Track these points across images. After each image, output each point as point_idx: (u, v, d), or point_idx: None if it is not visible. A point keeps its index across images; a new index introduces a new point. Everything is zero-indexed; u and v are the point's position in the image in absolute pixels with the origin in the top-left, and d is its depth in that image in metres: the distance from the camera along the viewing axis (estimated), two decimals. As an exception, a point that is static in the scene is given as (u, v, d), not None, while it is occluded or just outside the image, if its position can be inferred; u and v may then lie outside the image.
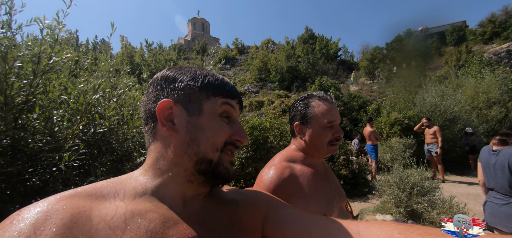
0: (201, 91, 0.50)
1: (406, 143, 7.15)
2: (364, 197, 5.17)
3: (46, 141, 1.30)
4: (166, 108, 0.48)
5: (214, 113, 0.50)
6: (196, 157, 0.48)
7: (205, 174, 0.48)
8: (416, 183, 3.48)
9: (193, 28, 47.80)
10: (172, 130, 0.47)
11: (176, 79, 0.50)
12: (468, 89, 9.78)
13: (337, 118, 0.93)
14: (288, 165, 0.89)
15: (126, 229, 0.39)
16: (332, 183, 0.97)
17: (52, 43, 1.26)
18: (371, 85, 19.19)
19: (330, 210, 0.86)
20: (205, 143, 0.48)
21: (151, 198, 0.45)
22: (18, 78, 1.18)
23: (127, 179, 0.48)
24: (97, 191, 0.43)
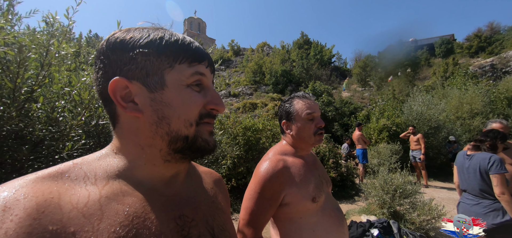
0: (160, 58, 0.42)
1: (393, 149, 7.43)
2: (351, 199, 5.35)
3: (49, 130, 1.37)
4: (121, 88, 0.41)
5: (180, 84, 0.43)
6: (169, 137, 0.42)
7: (182, 152, 0.44)
8: (399, 186, 3.66)
9: (189, 28, 47.59)
10: (136, 111, 0.41)
11: (125, 46, 0.41)
12: (453, 100, 10.22)
13: (316, 111, 1.06)
14: (281, 158, 1.01)
15: (103, 216, 0.35)
16: (320, 171, 1.10)
17: (60, 37, 1.33)
18: (362, 92, 19.67)
19: (319, 194, 0.99)
20: (176, 120, 0.42)
21: (128, 181, 0.41)
22: (26, 70, 1.26)
23: (95, 160, 0.42)
24: (63, 174, 0.37)
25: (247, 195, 0.97)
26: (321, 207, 0.99)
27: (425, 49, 25.16)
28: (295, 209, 0.96)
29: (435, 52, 25.54)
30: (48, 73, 1.46)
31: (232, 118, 5.71)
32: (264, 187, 0.93)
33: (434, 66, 21.49)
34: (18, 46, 1.07)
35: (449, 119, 9.00)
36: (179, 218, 0.44)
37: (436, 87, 13.53)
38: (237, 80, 22.75)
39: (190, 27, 48.17)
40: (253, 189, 0.95)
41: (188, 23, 48.36)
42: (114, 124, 0.44)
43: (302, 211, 0.96)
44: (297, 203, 0.95)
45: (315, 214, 0.97)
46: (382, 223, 2.96)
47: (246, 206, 0.95)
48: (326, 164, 5.76)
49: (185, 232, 0.43)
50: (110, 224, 0.35)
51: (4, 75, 1.11)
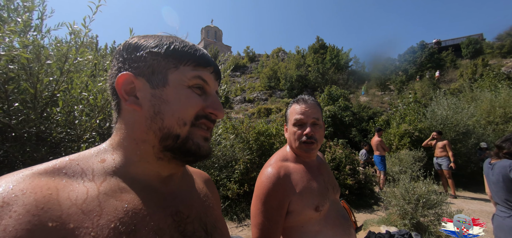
0: (167, 59, 0.44)
1: (416, 156, 6.99)
2: (370, 208, 5.09)
3: (66, 132, 1.45)
4: (127, 82, 0.43)
5: (181, 84, 0.45)
6: (161, 133, 0.43)
7: (172, 151, 0.44)
8: (422, 195, 3.41)
9: (206, 36, 49.07)
10: (135, 104, 0.43)
11: (138, 47, 0.44)
12: (483, 103, 9.47)
13: (307, 118, 0.98)
14: (282, 165, 0.96)
15: (102, 212, 0.35)
16: (325, 177, 1.02)
17: (78, 45, 1.42)
18: (382, 96, 18.90)
19: (323, 202, 0.92)
20: (170, 117, 0.43)
21: (124, 178, 0.41)
22: (46, 75, 1.34)
23: (92, 157, 0.42)
24: (60, 170, 0.37)
25: (253, 211, 0.91)
26: (325, 215, 0.93)
27: (451, 50, 23.71)
28: (298, 218, 0.90)
29: (461, 53, 23.98)
30: (68, 79, 1.55)
31: (246, 123, 5.72)
32: (269, 196, 0.88)
33: (461, 67, 20.15)
34: (37, 53, 1.15)
35: (479, 124, 8.32)
36: (176, 214, 0.45)
37: (463, 90, 12.64)
38: (252, 86, 22.91)
39: (207, 35, 49.63)
40: (258, 202, 0.90)
41: (205, 32, 49.88)
42: (117, 117, 0.46)
43: (304, 220, 0.90)
44: (299, 211, 0.89)
45: (318, 223, 0.91)
46: (403, 235, 2.77)
47: (256, 223, 0.89)
48: (342, 170, 5.54)
49: (181, 228, 0.44)
50: (109, 220, 0.35)
51: (26, 81, 1.19)
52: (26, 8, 1.24)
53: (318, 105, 1.04)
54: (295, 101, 1.05)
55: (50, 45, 1.87)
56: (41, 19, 1.76)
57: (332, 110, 12.11)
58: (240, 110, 17.70)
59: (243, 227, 4.11)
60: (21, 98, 1.27)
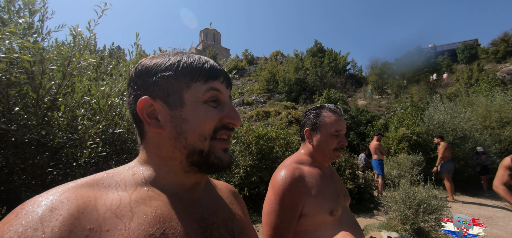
0: (178, 79, 0.47)
1: (415, 160, 7.02)
2: (370, 213, 5.08)
3: (68, 137, 1.41)
4: (146, 106, 0.46)
5: (197, 101, 0.47)
6: (186, 150, 0.46)
7: (198, 165, 0.48)
8: (423, 201, 3.42)
9: (204, 38, 49.09)
10: (158, 127, 0.46)
11: (149, 72, 0.47)
12: (479, 108, 9.58)
13: (343, 129, 1.05)
14: (297, 167, 0.98)
15: (133, 216, 0.39)
16: (337, 184, 1.05)
17: (82, 48, 1.39)
18: (379, 100, 19.04)
19: (336, 207, 0.93)
20: (192, 135, 0.46)
21: (153, 188, 0.45)
22: (49, 79, 1.31)
23: (124, 171, 0.47)
24: (98, 182, 0.43)
25: (266, 209, 0.93)
26: (338, 220, 0.94)
27: (447, 55, 24.03)
28: (312, 221, 0.91)
29: (457, 57, 24.32)
30: (70, 83, 1.52)
31: (245, 127, 5.70)
32: (284, 196, 0.89)
33: (456, 72, 20.42)
34: (39, 58, 1.12)
35: (475, 129, 8.40)
36: (201, 220, 0.47)
37: (459, 95, 12.79)
38: (250, 89, 22.93)
39: (206, 38, 49.67)
40: (273, 201, 0.91)
41: (204, 34, 49.91)
42: (142, 139, 0.50)
43: (318, 223, 0.91)
44: (314, 214, 0.91)
45: (332, 228, 0.92)
46: (405, 240, 2.75)
47: (268, 221, 0.90)
48: (342, 174, 5.54)
49: (207, 234, 0.46)
50: (140, 223, 0.39)
51: (28, 86, 1.16)
52: (29, 10, 1.21)
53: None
54: (331, 111, 1.08)
55: (50, 47, 1.83)
56: (42, 21, 1.73)
57: (331, 113, 12.13)
58: (239, 113, 17.61)
59: (243, 232, 4.06)
60: (22, 103, 1.24)
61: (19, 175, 1.21)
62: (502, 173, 2.18)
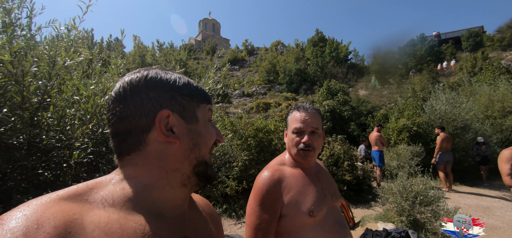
0: (192, 99, 0.53)
1: (414, 151, 7.02)
2: (367, 204, 5.12)
3: (59, 138, 1.41)
4: (164, 118, 0.48)
5: (205, 119, 0.55)
6: (196, 161, 0.51)
7: (200, 175, 0.53)
8: (419, 192, 3.43)
9: (204, 29, 48.43)
10: (173, 138, 0.48)
11: (165, 86, 0.50)
12: (482, 97, 9.46)
13: (306, 127, 1.01)
14: (279, 168, 1.00)
15: (123, 234, 0.39)
16: (323, 184, 1.03)
17: (67, 47, 1.37)
18: (381, 90, 18.87)
19: (318, 208, 0.93)
20: (205, 147, 0.53)
21: (143, 204, 0.46)
22: (34, 79, 1.29)
23: (110, 184, 0.46)
24: (81, 196, 0.41)
25: (248, 211, 0.95)
26: (321, 221, 0.94)
27: (451, 43, 23.55)
28: (292, 222, 0.92)
29: (461, 45, 23.84)
30: (57, 83, 1.50)
31: (244, 119, 5.69)
32: (263, 198, 0.92)
33: (460, 61, 20.07)
34: (18, 58, 1.10)
35: (477, 118, 8.33)
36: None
37: (462, 84, 12.62)
38: (250, 80, 22.78)
39: (205, 28, 48.99)
40: (253, 203, 0.94)
41: (203, 24, 49.20)
42: (133, 151, 0.48)
43: (299, 225, 0.92)
44: (293, 215, 0.91)
45: (313, 229, 0.92)
46: (400, 233, 2.78)
47: (249, 222, 0.93)
48: (341, 166, 5.55)
49: None
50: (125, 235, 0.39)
51: (12, 87, 1.15)
52: (4, 8, 1.18)
53: (318, 114, 1.06)
54: (296, 108, 1.07)
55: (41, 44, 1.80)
56: (30, 18, 1.69)
57: (331, 104, 12.07)
58: (239, 105, 17.63)
59: (241, 224, 4.13)
60: (9, 105, 1.23)
61: (9, 178, 1.22)
62: (506, 167, 2.15)
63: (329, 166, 5.41)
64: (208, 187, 2.99)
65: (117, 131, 0.48)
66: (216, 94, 2.87)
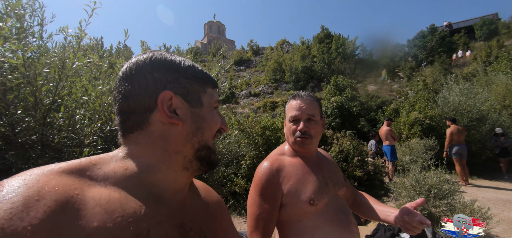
0: (197, 83, 0.53)
1: (427, 144, 6.80)
2: (380, 199, 5.01)
3: (69, 137, 1.46)
4: (166, 100, 0.48)
5: (210, 105, 0.54)
6: (199, 144, 0.51)
7: (202, 160, 0.52)
8: (433, 186, 3.32)
9: (209, 31, 48.90)
10: (177, 120, 0.48)
11: (170, 67, 0.50)
12: (498, 87, 9.06)
13: (301, 114, 1.00)
14: (278, 158, 0.99)
15: (123, 213, 0.39)
16: (325, 172, 1.02)
17: (75, 50, 1.41)
18: (390, 84, 18.44)
19: (319, 196, 0.92)
20: (208, 132, 0.53)
21: (144, 185, 0.45)
22: (46, 81, 1.34)
23: (113, 162, 0.45)
24: (83, 171, 0.41)
25: (249, 201, 0.95)
26: (322, 210, 0.92)
27: (463, 33, 22.71)
28: (293, 211, 0.91)
29: (475, 35, 22.94)
30: (68, 84, 1.55)
31: (251, 118, 5.70)
32: (263, 188, 0.92)
33: (474, 50, 19.30)
34: (31, 61, 1.15)
35: (494, 109, 7.98)
36: (181, 226, 0.49)
37: (477, 74, 12.13)
38: (257, 80, 22.79)
39: (210, 30, 49.45)
40: (253, 193, 0.94)
41: (208, 27, 49.69)
42: (136, 130, 0.48)
43: (299, 213, 0.91)
44: (293, 204, 0.91)
45: (315, 218, 0.91)
46: (414, 226, 2.70)
47: (250, 212, 0.93)
48: (351, 162, 5.46)
49: None
50: (129, 222, 0.39)
51: (25, 89, 1.20)
52: (16, 14, 1.24)
53: (315, 101, 1.04)
54: (292, 97, 1.06)
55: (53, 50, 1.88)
56: (41, 25, 1.76)
57: (339, 100, 11.90)
58: (245, 105, 17.68)
59: (251, 222, 4.13)
60: (23, 106, 1.28)
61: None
62: None
63: (339, 162, 5.33)
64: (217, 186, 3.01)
65: (122, 109, 0.48)
66: (222, 92, 2.88)
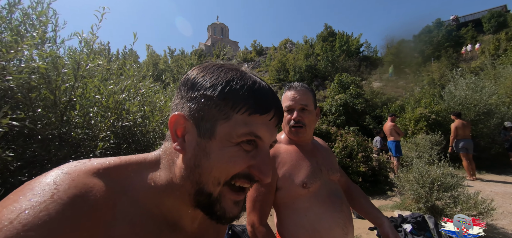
0: (218, 106, 0.40)
1: (433, 140, 6.75)
2: (384, 194, 5.03)
3: (85, 133, 1.59)
4: (179, 123, 0.41)
5: (229, 141, 0.40)
6: (197, 186, 0.41)
7: (202, 208, 0.42)
8: (436, 178, 3.33)
9: (212, 33, 49.29)
10: (181, 148, 0.41)
11: (194, 85, 0.42)
12: (507, 80, 8.89)
13: (295, 104, 1.06)
14: (274, 146, 1.06)
15: (143, 227, 0.39)
16: (318, 158, 1.09)
17: (88, 52, 1.54)
18: (396, 81, 18.23)
19: (312, 180, 1.00)
20: (207, 174, 0.40)
21: (161, 207, 0.43)
22: (63, 82, 1.47)
23: (147, 172, 0.43)
24: (113, 176, 0.39)
25: None
26: (315, 193, 1.00)
27: (471, 26, 22.24)
28: (288, 194, 0.99)
29: (483, 28, 22.43)
30: (83, 84, 1.68)
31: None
32: None
33: (482, 44, 18.90)
34: (53, 63, 1.27)
35: (502, 102, 7.84)
36: None
37: (485, 68, 11.90)
38: (261, 80, 22.82)
39: (214, 32, 49.84)
40: None
41: (212, 29, 50.10)
42: (166, 140, 0.46)
43: (293, 196, 0.99)
44: (287, 187, 0.99)
45: (308, 200, 0.99)
46: (416, 217, 2.74)
47: (248, 196, 1.01)
48: (355, 158, 5.48)
49: None
50: (144, 236, 0.39)
51: (46, 89, 1.32)
52: (41, 22, 1.37)
53: (309, 91, 1.10)
54: (287, 88, 1.13)
55: (65, 54, 2.02)
56: (55, 31, 1.90)
57: (343, 98, 11.87)
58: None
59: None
60: (43, 104, 1.41)
61: (45, 168, 1.40)
62: None
63: (342, 158, 5.36)
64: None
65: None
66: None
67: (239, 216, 0.51)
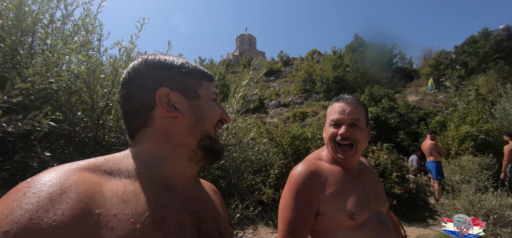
0: (192, 77, 0.55)
1: (483, 163, 5.92)
2: (424, 222, 4.48)
3: (117, 137, 1.62)
4: (164, 95, 0.51)
5: (208, 97, 0.57)
6: (201, 135, 0.54)
7: (206, 149, 0.55)
8: (492, 210, 2.86)
9: (240, 44, 50.71)
10: (176, 113, 0.51)
11: (164, 66, 0.53)
12: None
13: (344, 118, 0.91)
14: (315, 162, 0.93)
15: (138, 202, 0.42)
16: (366, 185, 0.93)
17: (127, 59, 1.59)
18: (435, 95, 16.74)
19: (360, 211, 0.84)
20: (208, 122, 0.55)
21: (155, 176, 0.48)
22: (101, 87, 1.53)
23: (125, 158, 0.49)
24: (99, 167, 0.44)
25: (282, 204, 0.89)
26: (361, 225, 0.84)
27: (526, 36, 19.70)
28: (330, 222, 0.84)
29: (542, 38, 19.70)
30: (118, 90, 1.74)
31: (280, 127, 5.66)
32: (299, 191, 0.85)
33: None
34: (93, 68, 1.32)
35: None
36: (194, 213, 0.52)
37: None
38: (286, 90, 22.70)
39: (242, 43, 51.25)
40: (288, 196, 0.87)
41: (240, 40, 51.59)
42: (142, 128, 0.52)
43: (336, 225, 0.84)
44: (331, 215, 0.84)
45: (351, 231, 0.83)
46: (468, 255, 2.34)
47: (283, 216, 0.87)
48: (388, 178, 5.02)
49: (198, 226, 0.51)
50: (144, 209, 0.42)
51: (85, 93, 1.38)
52: (86, 30, 1.45)
53: (361, 105, 0.96)
54: (336, 99, 0.99)
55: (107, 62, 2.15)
56: (99, 41, 2.03)
57: (375, 111, 11.18)
58: (275, 115, 17.65)
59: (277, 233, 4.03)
60: (82, 108, 1.47)
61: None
62: None
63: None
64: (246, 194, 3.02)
65: (126, 111, 0.52)
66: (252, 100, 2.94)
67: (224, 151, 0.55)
